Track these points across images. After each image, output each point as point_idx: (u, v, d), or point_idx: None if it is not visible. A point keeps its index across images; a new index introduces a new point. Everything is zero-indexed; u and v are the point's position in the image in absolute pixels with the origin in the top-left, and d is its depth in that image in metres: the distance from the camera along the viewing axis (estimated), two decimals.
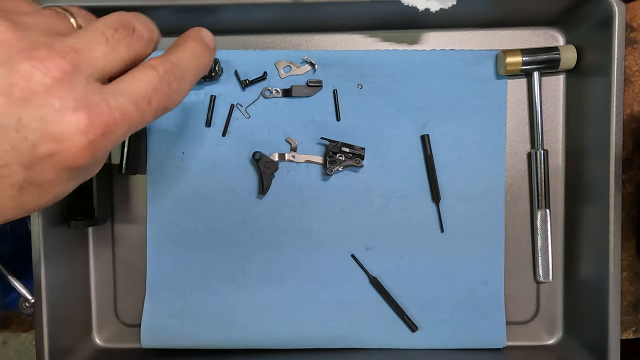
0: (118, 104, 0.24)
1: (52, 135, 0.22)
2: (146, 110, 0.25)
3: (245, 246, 0.49)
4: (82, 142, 0.23)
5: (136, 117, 0.25)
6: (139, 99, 0.25)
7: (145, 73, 0.26)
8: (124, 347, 0.50)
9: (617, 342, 0.43)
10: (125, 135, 0.25)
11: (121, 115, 0.24)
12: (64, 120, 0.22)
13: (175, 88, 0.27)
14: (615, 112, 0.42)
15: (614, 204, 0.43)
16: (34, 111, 0.22)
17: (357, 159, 0.47)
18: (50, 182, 0.24)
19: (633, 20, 0.50)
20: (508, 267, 0.49)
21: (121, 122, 0.24)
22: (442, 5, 0.41)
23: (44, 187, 0.24)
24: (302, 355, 0.48)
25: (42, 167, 0.23)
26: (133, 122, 0.25)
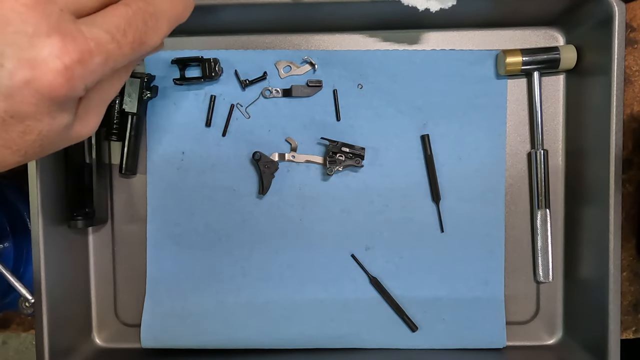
0: (92, 34, 0.24)
1: (27, 60, 0.23)
2: (122, 42, 0.25)
3: (245, 246, 0.49)
4: (56, 66, 0.23)
5: (113, 49, 0.25)
6: (113, 29, 0.25)
7: (118, 8, 0.26)
8: (124, 347, 0.50)
9: (617, 342, 0.43)
10: (104, 68, 0.25)
11: (96, 44, 0.24)
12: (37, 45, 0.23)
13: (150, 26, 0.27)
14: (615, 112, 0.42)
15: (614, 204, 0.43)
16: (8, 38, 0.22)
17: (357, 159, 0.47)
18: (31, 116, 0.24)
19: (633, 20, 0.50)
20: (508, 267, 0.49)
21: (96, 51, 0.24)
22: (442, 5, 0.41)
23: (25, 122, 0.24)
24: (302, 355, 0.48)
25: (21, 97, 0.23)
26: (110, 53, 0.25)
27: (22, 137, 0.25)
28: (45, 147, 0.26)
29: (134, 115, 0.47)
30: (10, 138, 0.25)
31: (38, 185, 0.43)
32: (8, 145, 0.25)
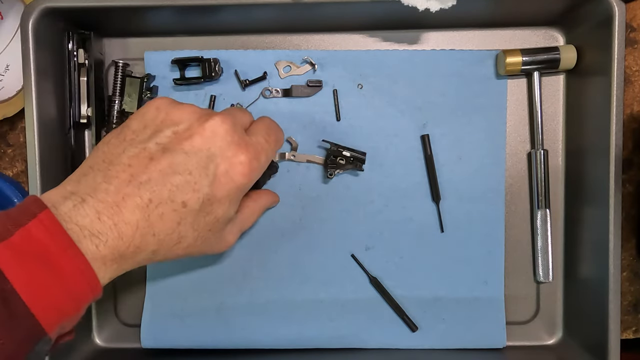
0: (257, 141, 0.38)
1: (227, 158, 0.35)
2: (271, 142, 0.39)
3: (245, 246, 0.49)
4: (244, 161, 0.35)
5: (268, 148, 0.38)
6: (265, 135, 0.39)
7: (261, 121, 0.40)
8: (124, 347, 0.50)
9: (617, 342, 0.43)
10: (265, 163, 0.38)
11: (261, 147, 0.37)
12: (233, 149, 0.35)
13: (279, 128, 0.41)
14: (615, 112, 0.42)
15: (614, 204, 0.43)
16: (217, 145, 0.35)
17: (358, 163, 0.46)
18: (219, 199, 0.35)
19: (633, 20, 0.50)
20: (508, 267, 0.49)
21: (261, 151, 0.37)
22: (442, 5, 0.41)
23: (213, 205, 0.35)
24: (302, 355, 0.48)
25: (219, 183, 0.35)
26: (267, 151, 0.38)
27: (205, 218, 0.35)
28: (207, 238, 0.37)
29: None
30: (198, 219, 0.35)
31: (38, 186, 0.43)
32: (195, 227, 0.35)
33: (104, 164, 0.34)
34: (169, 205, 0.33)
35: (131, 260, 0.33)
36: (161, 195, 0.33)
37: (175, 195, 0.33)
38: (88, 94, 0.46)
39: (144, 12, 0.45)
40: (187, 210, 0.34)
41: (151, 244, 0.33)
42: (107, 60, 0.49)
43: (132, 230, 0.32)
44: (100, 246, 0.31)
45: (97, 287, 0.32)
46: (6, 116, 0.49)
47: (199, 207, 0.34)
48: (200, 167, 0.34)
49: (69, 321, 0.31)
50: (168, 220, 0.33)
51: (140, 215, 0.32)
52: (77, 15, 0.44)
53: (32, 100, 0.43)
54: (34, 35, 0.42)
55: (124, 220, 0.32)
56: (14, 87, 0.48)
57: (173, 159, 0.34)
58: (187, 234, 0.35)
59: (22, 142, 0.52)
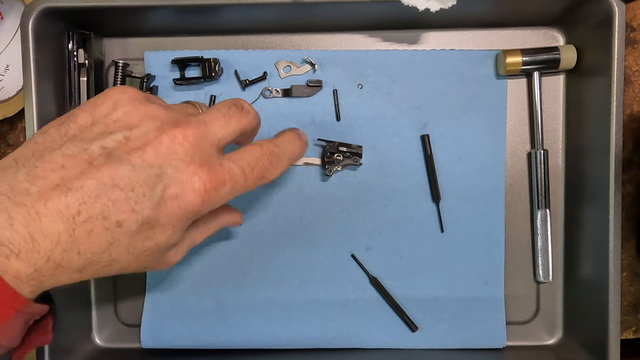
0: (229, 168, 0.32)
1: (180, 180, 0.30)
2: (249, 176, 0.33)
3: (245, 246, 0.49)
4: (199, 188, 0.30)
5: (240, 181, 0.32)
6: (245, 166, 0.33)
7: (252, 148, 0.34)
8: (124, 347, 0.50)
9: (617, 342, 0.43)
10: (229, 195, 0.32)
11: (230, 176, 0.32)
12: (190, 171, 0.30)
13: (273, 163, 0.35)
14: (615, 112, 0.42)
15: (614, 204, 0.43)
16: (171, 163, 0.30)
17: (355, 157, 0.47)
18: (162, 225, 0.30)
19: (633, 20, 0.50)
20: (508, 267, 0.49)
21: (228, 181, 0.32)
22: (442, 5, 0.41)
23: (154, 229, 0.30)
24: (302, 355, 0.48)
25: (165, 208, 0.30)
26: (237, 184, 0.32)
27: (143, 243, 0.30)
28: (143, 261, 0.32)
29: None
30: (135, 243, 0.30)
31: None
32: (130, 250, 0.30)
33: (33, 159, 0.29)
34: (100, 222, 0.28)
35: (53, 278, 0.29)
36: (93, 209, 0.28)
37: (109, 211, 0.28)
38: (88, 94, 0.46)
39: (144, 12, 0.45)
40: (121, 231, 0.29)
41: (75, 262, 0.28)
42: (107, 60, 0.49)
43: (51, 244, 0.27)
44: (12, 258, 0.27)
45: (16, 300, 0.28)
46: (6, 116, 0.49)
47: (136, 230, 0.29)
48: (146, 185, 0.29)
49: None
50: (97, 239, 0.28)
51: (63, 228, 0.27)
52: (77, 15, 0.44)
53: (32, 100, 0.43)
54: (34, 35, 0.42)
55: (42, 230, 0.27)
56: (14, 87, 0.48)
57: (116, 169, 0.29)
58: (120, 258, 0.30)
59: (22, 142, 0.52)
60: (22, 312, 0.28)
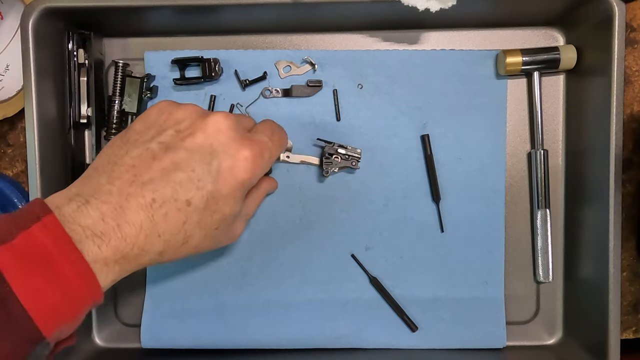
0: (261, 138, 0.38)
1: (231, 155, 0.35)
2: (275, 142, 0.39)
3: (245, 246, 0.49)
4: (247, 157, 0.35)
5: (270, 145, 0.38)
6: (269, 134, 0.39)
7: (265, 122, 0.41)
8: (124, 347, 0.50)
9: (617, 342, 0.43)
10: (269, 161, 0.38)
11: (264, 144, 0.37)
12: (236, 146, 0.35)
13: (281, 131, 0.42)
14: (615, 112, 0.42)
15: (614, 204, 0.43)
16: (221, 143, 0.35)
17: (353, 160, 0.46)
18: (224, 196, 0.35)
19: (633, 20, 0.50)
20: (508, 267, 0.49)
21: (265, 148, 0.37)
22: (442, 5, 0.41)
23: (219, 203, 0.35)
24: (302, 355, 0.48)
25: (223, 180, 0.34)
26: (270, 148, 0.38)
27: (211, 217, 0.35)
28: (214, 236, 0.36)
29: (134, 115, 0.47)
30: (205, 218, 0.34)
31: (38, 186, 0.43)
32: (201, 226, 0.35)
33: (109, 166, 0.34)
34: (173, 204, 0.33)
35: (135, 262, 0.33)
36: (164, 194, 0.33)
37: (178, 193, 0.33)
38: (88, 94, 0.46)
39: (143, 12, 0.45)
40: (191, 209, 0.33)
41: (156, 245, 0.33)
42: (107, 60, 0.49)
43: (135, 231, 0.32)
44: (103, 247, 0.31)
45: (97, 291, 0.31)
46: (6, 116, 0.49)
47: (204, 206, 0.34)
48: (203, 163, 0.34)
49: (68, 326, 0.31)
50: (173, 220, 0.33)
51: (144, 216, 0.32)
52: (77, 15, 0.44)
53: (32, 100, 0.43)
54: (34, 35, 0.42)
55: (127, 220, 0.32)
56: (14, 87, 0.48)
57: (175, 156, 0.34)
58: (193, 234, 0.35)
59: (22, 142, 0.52)
60: (95, 304, 0.32)
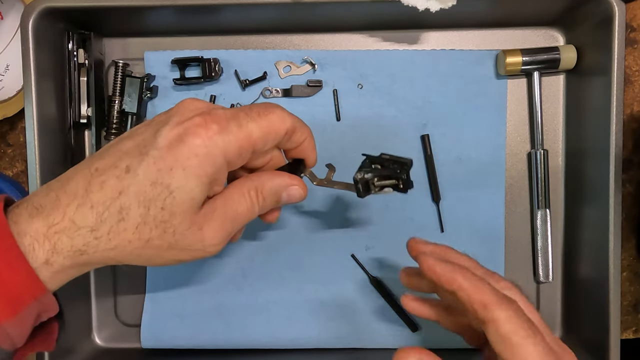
0: (231, 111, 0.32)
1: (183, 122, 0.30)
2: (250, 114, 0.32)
3: (245, 246, 0.49)
4: (200, 123, 0.30)
5: (242, 117, 0.31)
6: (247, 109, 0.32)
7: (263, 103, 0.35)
8: (124, 347, 0.50)
9: (617, 342, 0.43)
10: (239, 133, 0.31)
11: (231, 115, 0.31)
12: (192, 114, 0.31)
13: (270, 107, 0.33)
14: (615, 112, 0.42)
15: (614, 204, 0.43)
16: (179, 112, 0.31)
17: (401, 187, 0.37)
18: (170, 168, 0.29)
19: (633, 20, 0.50)
20: (508, 267, 0.49)
21: (232, 117, 0.31)
22: (442, 5, 0.41)
23: (162, 172, 0.29)
24: (302, 355, 0.48)
25: (171, 148, 0.29)
26: (238, 119, 0.31)
27: (152, 188, 0.29)
28: (162, 220, 0.30)
29: (133, 115, 0.47)
30: (143, 187, 0.29)
31: (38, 186, 0.43)
32: (140, 198, 0.29)
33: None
34: (112, 171, 0.29)
35: (68, 242, 0.29)
36: (107, 162, 0.30)
37: (121, 160, 0.30)
38: (88, 94, 0.46)
39: (143, 12, 0.45)
40: (130, 175, 0.29)
41: (88, 218, 0.29)
42: (107, 60, 0.49)
43: (68, 200, 0.29)
44: (36, 218, 0.29)
45: (33, 280, 0.28)
46: (6, 116, 0.49)
47: (143, 172, 0.29)
48: (153, 129, 0.30)
49: (13, 326, 0.28)
50: (108, 189, 0.29)
51: (81, 184, 0.29)
52: (77, 15, 0.44)
53: (32, 100, 0.43)
54: (34, 35, 0.42)
55: (65, 190, 0.29)
56: (14, 87, 0.48)
57: (134, 130, 0.32)
58: (131, 209, 0.29)
59: (22, 142, 0.52)
60: (39, 301, 0.29)
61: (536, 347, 0.30)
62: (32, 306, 0.29)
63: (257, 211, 0.34)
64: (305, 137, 0.35)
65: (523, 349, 0.30)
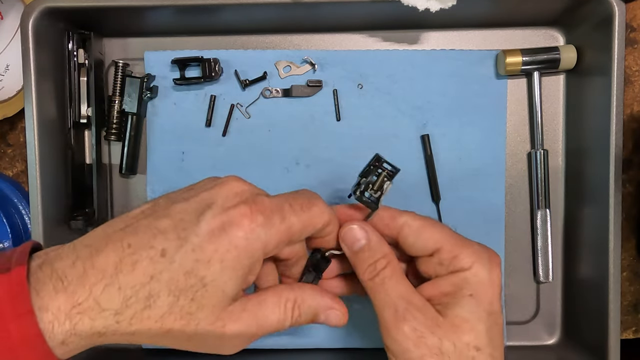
0: (274, 200, 0.31)
1: (227, 210, 0.29)
2: (294, 205, 0.31)
3: None
4: (245, 213, 0.29)
5: (286, 209, 0.31)
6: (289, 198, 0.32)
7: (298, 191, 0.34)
8: (124, 347, 0.50)
9: (617, 342, 0.43)
10: (282, 226, 0.30)
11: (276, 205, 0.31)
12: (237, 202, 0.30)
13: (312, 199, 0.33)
14: (615, 112, 0.42)
15: (614, 204, 0.43)
16: (222, 195, 0.30)
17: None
18: (208, 259, 0.28)
19: (633, 20, 0.50)
20: (508, 267, 0.49)
21: (276, 210, 0.30)
22: (442, 5, 0.41)
23: (199, 262, 0.28)
24: (302, 355, 0.48)
25: (212, 236, 0.28)
26: (282, 212, 0.30)
27: (185, 278, 0.28)
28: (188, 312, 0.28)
29: (133, 115, 0.47)
30: (177, 276, 0.28)
31: (38, 186, 0.43)
32: (171, 287, 0.28)
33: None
34: (146, 251, 0.27)
35: (88, 322, 0.27)
36: (142, 239, 0.28)
37: (156, 240, 0.28)
38: (88, 94, 0.46)
39: (143, 12, 0.45)
40: (165, 260, 0.27)
41: (114, 300, 0.27)
42: (107, 60, 0.49)
43: (96, 278, 0.27)
44: (60, 292, 0.27)
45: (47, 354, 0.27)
46: (6, 116, 0.49)
47: (180, 260, 0.28)
48: (196, 213, 0.29)
49: None
50: (140, 271, 0.27)
51: (112, 261, 0.27)
52: (77, 15, 0.44)
53: (32, 100, 0.43)
54: (34, 35, 0.42)
55: (94, 265, 0.27)
56: (14, 87, 0.48)
57: (172, 207, 0.29)
58: (159, 297, 0.27)
59: (22, 142, 0.52)
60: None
61: (444, 229, 0.35)
62: None
63: (288, 325, 0.32)
64: (335, 230, 0.35)
65: (439, 233, 0.35)
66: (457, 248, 0.34)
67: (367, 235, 0.35)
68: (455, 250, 0.34)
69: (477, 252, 0.35)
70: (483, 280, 0.34)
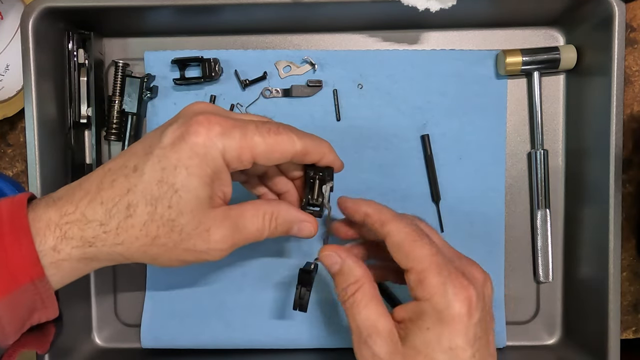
0: (237, 116, 0.35)
1: (186, 121, 0.32)
2: (259, 126, 0.33)
3: (245, 246, 0.48)
4: (202, 121, 0.31)
5: (249, 127, 0.33)
6: (256, 119, 0.35)
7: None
8: (124, 347, 0.50)
9: (617, 342, 0.43)
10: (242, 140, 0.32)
11: (238, 119, 0.34)
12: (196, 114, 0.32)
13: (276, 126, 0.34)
14: (615, 112, 0.42)
15: (614, 204, 0.43)
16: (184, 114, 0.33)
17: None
18: (175, 167, 0.31)
19: (633, 20, 0.50)
20: (508, 267, 0.49)
21: (236, 125, 0.32)
22: (442, 5, 0.41)
23: (167, 171, 0.31)
24: (302, 355, 0.48)
25: (174, 146, 0.31)
26: (243, 128, 0.32)
27: (158, 186, 0.31)
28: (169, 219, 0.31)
29: (133, 115, 0.47)
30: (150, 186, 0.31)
31: (38, 186, 0.43)
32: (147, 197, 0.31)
33: None
34: (122, 170, 0.32)
35: (78, 232, 0.31)
36: (118, 162, 0.32)
37: (129, 160, 0.32)
38: (88, 94, 0.46)
39: (143, 12, 0.45)
40: (137, 174, 0.31)
41: (98, 212, 0.31)
42: (107, 60, 0.49)
43: (81, 195, 0.31)
44: (51, 207, 0.31)
45: (34, 261, 0.30)
46: (6, 116, 0.49)
47: (150, 171, 0.31)
48: (160, 131, 0.32)
49: (4, 305, 0.29)
50: (117, 187, 0.31)
51: (95, 182, 0.32)
52: (77, 15, 0.44)
53: (32, 100, 0.43)
54: (34, 35, 0.42)
55: (81, 187, 0.32)
56: (14, 87, 0.48)
57: (147, 134, 0.34)
58: (138, 206, 0.31)
59: (22, 142, 0.52)
60: (34, 284, 0.30)
61: (423, 248, 0.33)
62: (26, 289, 0.30)
63: (265, 235, 0.35)
64: (321, 156, 0.36)
65: (414, 252, 0.33)
66: (426, 273, 0.32)
67: (341, 260, 0.36)
68: (422, 274, 0.33)
69: (443, 283, 0.32)
70: (441, 315, 0.32)
